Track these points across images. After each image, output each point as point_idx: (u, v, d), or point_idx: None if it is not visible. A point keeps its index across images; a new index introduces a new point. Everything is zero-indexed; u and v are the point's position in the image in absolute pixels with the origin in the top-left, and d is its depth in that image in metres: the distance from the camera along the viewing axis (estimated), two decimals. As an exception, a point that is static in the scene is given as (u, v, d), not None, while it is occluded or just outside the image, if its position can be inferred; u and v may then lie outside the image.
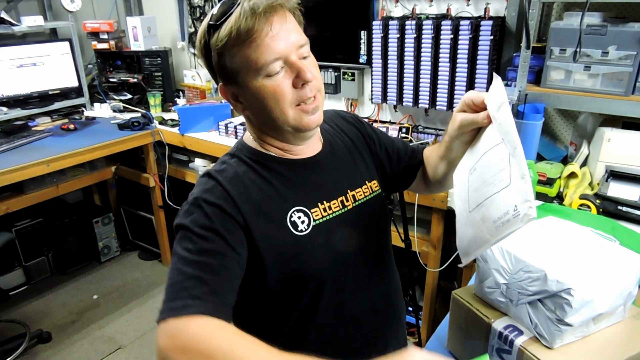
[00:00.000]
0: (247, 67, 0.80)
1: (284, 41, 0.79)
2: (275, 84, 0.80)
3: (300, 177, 0.91)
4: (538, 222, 0.94)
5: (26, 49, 2.76)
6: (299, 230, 0.87)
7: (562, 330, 0.75)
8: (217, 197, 0.83)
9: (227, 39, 0.78)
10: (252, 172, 0.89)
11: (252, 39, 0.78)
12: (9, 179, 2.17)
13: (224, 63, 0.82)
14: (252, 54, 0.79)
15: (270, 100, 0.82)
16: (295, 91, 0.82)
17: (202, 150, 2.57)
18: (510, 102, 1.69)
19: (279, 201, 0.87)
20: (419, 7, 2.19)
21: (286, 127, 0.85)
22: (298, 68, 0.81)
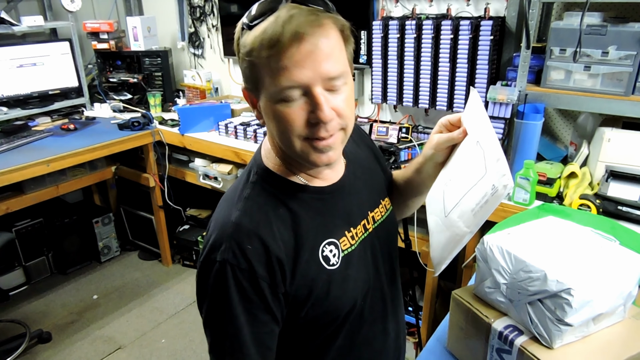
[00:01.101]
0: (265, 84, 0.70)
1: (311, 70, 0.67)
2: (288, 111, 0.70)
3: (328, 206, 0.84)
4: (538, 222, 0.94)
5: (26, 49, 2.76)
6: (331, 264, 0.81)
7: (562, 330, 0.75)
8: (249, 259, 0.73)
9: (251, 46, 0.69)
10: (281, 205, 0.79)
11: (275, 58, 0.67)
12: (9, 179, 2.17)
13: (245, 69, 0.73)
14: (271, 75, 0.68)
15: (280, 126, 0.72)
16: (307, 125, 0.71)
17: (202, 150, 2.57)
18: (510, 102, 1.69)
19: (310, 237, 0.79)
20: (419, 7, 2.19)
21: (296, 157, 0.77)
22: (316, 103, 0.69)
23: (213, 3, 3.03)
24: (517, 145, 1.74)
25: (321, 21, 0.68)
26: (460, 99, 2.06)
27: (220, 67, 3.20)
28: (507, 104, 1.70)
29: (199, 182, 2.68)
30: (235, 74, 3.16)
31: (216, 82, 3.17)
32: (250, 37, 0.69)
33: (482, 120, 0.81)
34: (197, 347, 2.50)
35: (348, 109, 0.74)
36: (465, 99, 2.05)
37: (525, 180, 1.60)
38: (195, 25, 3.21)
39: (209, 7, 3.06)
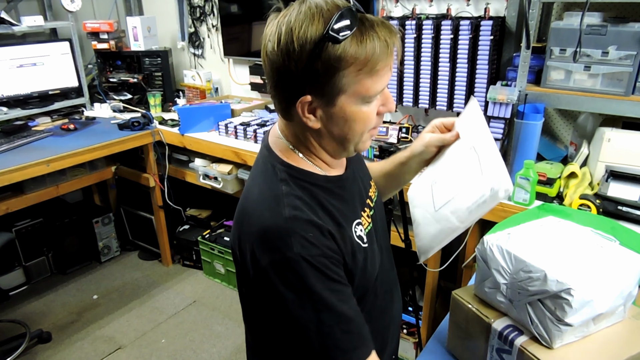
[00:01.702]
0: (357, 92, 0.75)
1: (390, 73, 0.79)
2: (370, 110, 0.79)
3: (346, 192, 0.91)
4: (538, 222, 0.94)
5: (26, 49, 2.76)
6: (364, 242, 0.88)
7: (562, 330, 0.75)
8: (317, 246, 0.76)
9: (353, 60, 0.72)
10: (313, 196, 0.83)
11: (377, 70, 0.74)
12: (9, 179, 2.17)
13: (329, 79, 0.73)
14: (370, 83, 0.75)
15: (358, 124, 0.79)
16: (377, 118, 0.82)
17: (202, 150, 2.57)
18: (510, 102, 1.69)
19: (342, 220, 0.84)
20: (419, 7, 2.19)
21: (352, 147, 0.84)
22: (387, 97, 0.81)
23: (213, 3, 3.03)
24: (517, 145, 1.74)
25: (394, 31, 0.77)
26: (460, 99, 2.06)
27: (220, 67, 3.20)
28: (507, 104, 1.70)
29: (199, 182, 2.68)
30: (235, 74, 3.16)
31: (216, 82, 3.17)
32: (350, 51, 0.72)
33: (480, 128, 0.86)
34: (197, 347, 2.50)
35: None
36: (465, 99, 2.05)
37: (525, 180, 1.60)
38: (195, 25, 3.21)
39: (209, 7, 3.06)
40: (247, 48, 2.95)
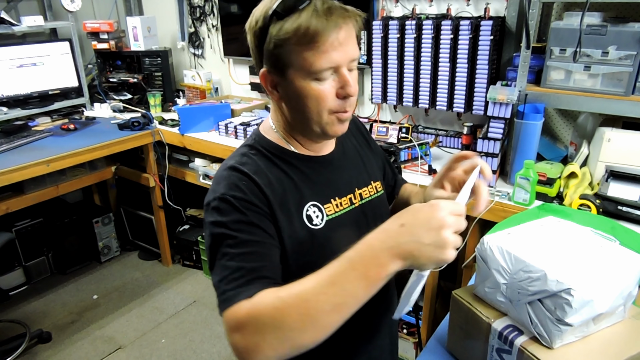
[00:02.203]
0: (301, 66, 0.81)
1: (343, 53, 0.80)
2: (321, 88, 0.82)
3: (316, 174, 0.94)
4: (538, 222, 0.94)
5: (26, 49, 2.76)
6: (314, 224, 0.90)
7: (562, 330, 0.75)
8: (245, 192, 0.84)
9: (292, 34, 0.79)
10: (273, 166, 0.91)
11: (316, 43, 0.78)
12: (9, 179, 2.17)
13: (278, 54, 0.82)
14: (311, 57, 0.79)
15: (311, 101, 0.83)
16: (337, 100, 0.84)
17: (202, 150, 2.57)
18: (510, 102, 1.69)
19: (297, 195, 0.90)
20: (419, 7, 2.19)
21: (317, 128, 0.87)
22: (345, 81, 0.82)
23: (213, 3, 3.03)
24: (517, 145, 1.74)
25: (350, 13, 0.81)
26: (460, 99, 2.06)
27: (220, 67, 3.20)
28: (507, 104, 1.70)
29: (199, 182, 2.68)
30: (235, 74, 3.16)
31: (216, 82, 3.17)
32: (289, 26, 0.79)
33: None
34: (197, 347, 2.50)
35: (357, 87, 0.87)
36: (465, 99, 2.05)
37: (525, 180, 1.60)
38: (195, 25, 3.21)
39: (209, 7, 3.06)
40: (247, 48, 2.94)
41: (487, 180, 0.83)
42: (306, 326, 0.67)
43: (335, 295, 0.66)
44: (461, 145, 2.19)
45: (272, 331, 0.68)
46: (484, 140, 1.75)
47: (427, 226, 0.65)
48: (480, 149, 1.75)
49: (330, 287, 0.67)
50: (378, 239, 0.67)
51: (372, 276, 0.66)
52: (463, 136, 2.15)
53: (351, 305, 0.67)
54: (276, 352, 0.68)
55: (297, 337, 0.67)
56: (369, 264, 0.66)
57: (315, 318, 0.67)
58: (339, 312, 0.67)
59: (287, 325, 0.67)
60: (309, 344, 0.68)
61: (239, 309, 0.72)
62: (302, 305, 0.67)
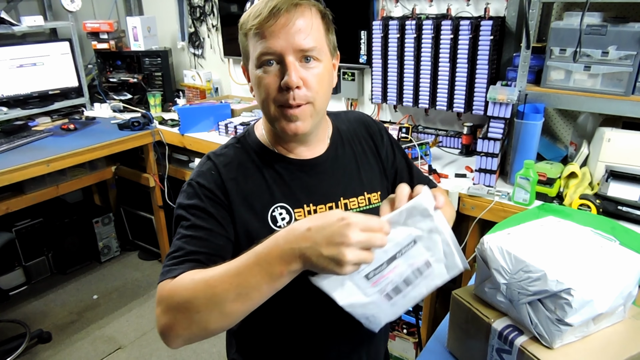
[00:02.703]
0: (250, 54, 0.84)
1: (283, 40, 0.79)
2: (265, 77, 0.82)
3: (292, 177, 0.93)
4: (538, 222, 0.94)
5: (26, 49, 2.76)
6: (278, 226, 0.90)
7: (562, 330, 0.75)
8: (209, 181, 0.88)
9: (243, 20, 0.83)
10: (250, 162, 0.92)
11: (257, 29, 0.80)
12: (9, 179, 2.17)
13: (240, 45, 0.87)
14: (254, 44, 0.82)
15: (260, 91, 0.85)
16: (279, 92, 0.83)
17: (202, 150, 2.57)
18: (510, 102, 1.69)
19: (266, 195, 0.91)
20: (419, 7, 2.19)
21: (274, 123, 0.88)
22: (286, 69, 0.81)
23: (213, 3, 3.03)
24: (517, 145, 1.74)
25: (298, 2, 0.80)
26: (460, 99, 2.06)
27: (220, 67, 3.20)
28: (507, 104, 1.70)
29: (199, 182, 2.68)
30: (235, 74, 3.16)
31: (216, 82, 3.17)
32: (245, 13, 0.84)
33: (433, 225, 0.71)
34: (197, 347, 2.50)
35: (318, 85, 0.84)
36: (465, 99, 2.05)
37: (525, 180, 1.60)
38: (195, 25, 3.21)
39: (209, 7, 3.06)
40: (247, 48, 2.95)
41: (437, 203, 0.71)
42: (211, 311, 0.69)
43: (238, 286, 0.68)
44: (461, 145, 2.19)
45: (182, 311, 0.71)
46: (484, 140, 1.75)
47: (329, 239, 0.62)
48: (480, 149, 1.75)
49: (235, 277, 0.68)
50: (284, 238, 0.66)
51: (275, 273, 0.66)
52: (463, 136, 2.16)
53: (255, 297, 0.68)
54: (187, 331, 0.72)
55: (204, 320, 0.70)
56: (272, 261, 0.66)
57: (219, 304, 0.69)
58: (243, 302, 0.69)
59: (195, 308, 0.70)
60: (216, 328, 0.71)
61: (164, 285, 0.76)
62: (209, 290, 0.69)
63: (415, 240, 0.70)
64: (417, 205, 0.69)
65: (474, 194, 1.73)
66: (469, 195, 1.73)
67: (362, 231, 0.62)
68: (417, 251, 0.71)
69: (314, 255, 0.63)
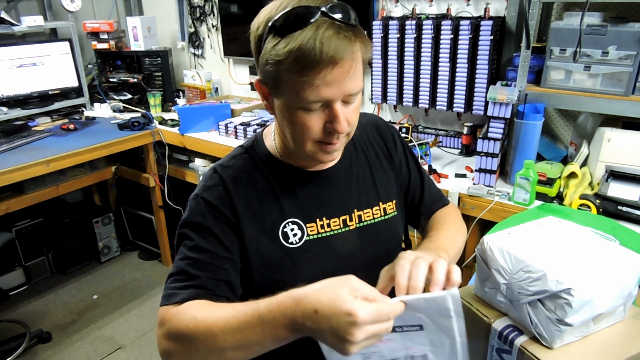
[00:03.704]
0: (289, 92, 0.75)
1: (337, 89, 0.73)
2: (308, 118, 0.76)
3: (304, 190, 0.89)
4: (538, 222, 0.94)
5: (26, 49, 2.76)
6: (289, 242, 0.86)
7: (562, 330, 0.75)
8: (215, 197, 0.84)
9: (283, 58, 0.71)
10: (259, 173, 0.88)
11: (307, 77, 0.71)
12: (9, 179, 2.17)
13: (269, 71, 0.75)
14: (300, 87, 0.72)
15: (296, 129, 0.78)
16: (323, 132, 0.78)
17: (202, 150, 2.57)
18: (510, 102, 1.69)
19: (276, 210, 0.87)
20: (419, 7, 2.19)
21: (300, 153, 0.83)
22: (335, 116, 0.75)
23: (213, 3, 3.03)
24: (517, 145, 1.74)
25: (354, 47, 0.72)
26: (460, 99, 2.06)
27: (220, 67, 3.20)
28: (507, 104, 1.70)
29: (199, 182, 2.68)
30: (235, 74, 3.16)
31: (216, 82, 3.17)
32: (282, 47, 0.71)
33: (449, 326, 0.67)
34: (197, 347, 2.50)
35: (356, 117, 0.81)
36: (465, 99, 2.05)
37: (525, 180, 1.60)
38: (195, 25, 3.21)
39: (209, 7, 3.06)
40: (247, 48, 2.87)
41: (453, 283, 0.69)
42: (210, 354, 0.70)
43: (240, 340, 0.68)
44: (461, 145, 2.19)
45: (182, 344, 0.72)
46: (484, 140, 1.75)
47: (334, 331, 0.59)
48: (480, 149, 1.75)
49: (237, 332, 0.68)
50: (292, 310, 0.63)
51: (280, 336, 0.65)
52: (463, 136, 2.15)
53: (257, 350, 0.69)
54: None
55: (202, 357, 0.71)
56: (277, 326, 0.65)
57: (219, 351, 0.69)
58: (244, 352, 0.69)
59: (194, 347, 0.71)
60: None
61: (167, 310, 0.76)
62: (210, 336, 0.69)
63: (422, 327, 0.66)
64: (439, 301, 0.64)
65: (474, 194, 1.73)
66: (469, 195, 1.73)
67: (370, 325, 0.59)
68: (418, 338, 0.67)
69: (319, 336, 0.63)
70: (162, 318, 0.76)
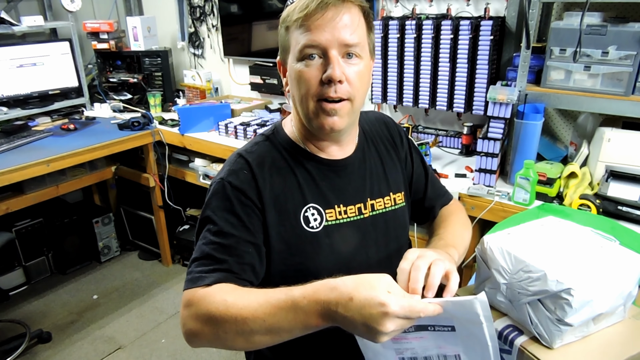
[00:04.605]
0: (292, 47, 0.83)
1: (329, 33, 0.79)
2: (307, 70, 0.81)
3: (323, 177, 0.92)
4: (538, 222, 0.94)
5: (26, 49, 2.76)
6: (310, 226, 0.89)
7: (562, 330, 0.75)
8: (242, 181, 0.86)
9: (287, 14, 0.83)
10: (282, 160, 0.91)
11: (303, 21, 0.79)
12: (9, 179, 2.17)
13: (282, 38, 0.86)
14: (298, 36, 0.81)
15: (298, 84, 0.83)
16: (321, 84, 0.82)
17: (202, 150, 2.57)
18: (510, 102, 1.69)
19: (297, 195, 0.90)
20: (419, 7, 2.19)
21: (307, 119, 0.87)
22: (330, 62, 0.80)
23: (213, 3, 3.03)
24: (517, 145, 1.74)
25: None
26: (460, 99, 2.06)
27: (220, 67, 3.20)
28: (507, 104, 1.70)
29: (199, 182, 2.68)
30: (235, 74, 3.16)
31: (216, 82, 3.17)
32: (289, 7, 0.84)
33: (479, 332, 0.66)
34: (197, 347, 2.50)
35: (359, 81, 0.84)
36: (465, 99, 2.04)
37: (525, 180, 1.60)
38: (195, 25, 3.21)
39: (209, 7, 3.06)
40: (247, 48, 2.95)
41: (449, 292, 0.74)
42: (239, 336, 0.71)
43: (271, 325, 0.69)
44: (461, 145, 2.19)
45: (210, 326, 0.73)
46: (484, 140, 1.75)
47: (366, 321, 0.62)
48: (480, 149, 1.75)
49: (269, 317, 0.69)
50: (327, 297, 0.66)
51: (311, 324, 0.67)
52: (463, 136, 2.16)
53: (285, 336, 0.70)
54: (210, 343, 0.75)
55: (229, 340, 0.72)
56: (309, 313, 0.67)
57: (248, 334, 0.71)
58: (272, 337, 0.70)
59: (222, 329, 0.72)
60: (239, 349, 0.74)
61: (195, 292, 0.77)
62: (240, 320, 0.71)
63: (454, 328, 0.68)
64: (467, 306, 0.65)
65: (474, 194, 1.73)
66: (469, 195, 1.73)
67: (399, 320, 0.63)
68: (451, 338, 0.69)
69: (349, 325, 0.65)
70: (190, 299, 0.77)
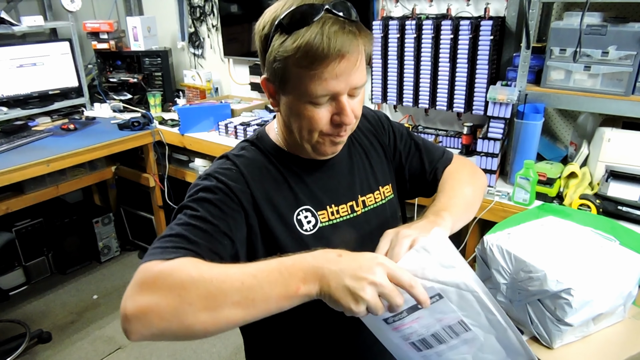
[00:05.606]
0: (298, 87, 0.77)
1: (343, 82, 0.76)
2: (316, 112, 0.79)
3: (312, 178, 0.92)
4: (538, 222, 0.94)
5: (26, 49, 2.76)
6: (304, 229, 0.88)
7: (562, 330, 0.75)
8: (230, 179, 0.84)
9: (291, 54, 0.74)
10: (270, 164, 0.90)
11: (315, 71, 0.74)
12: (9, 179, 2.17)
13: (277, 68, 0.78)
14: (308, 81, 0.75)
15: (303, 122, 0.81)
16: (330, 124, 0.81)
17: (202, 150, 2.57)
18: (510, 102, 1.69)
19: (290, 197, 0.88)
20: (419, 7, 2.19)
21: (307, 145, 0.86)
22: (342, 109, 0.79)
23: (213, 3, 3.03)
24: (517, 145, 1.74)
25: (358, 40, 0.75)
26: (460, 99, 2.06)
27: (220, 67, 3.20)
28: (507, 104, 1.70)
29: (199, 182, 2.68)
30: (235, 74, 3.16)
31: (216, 82, 3.17)
32: (290, 44, 0.74)
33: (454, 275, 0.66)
34: (197, 347, 2.50)
35: (360, 110, 0.84)
36: (465, 99, 2.04)
37: (525, 180, 1.60)
38: (195, 25, 3.21)
39: (209, 7, 3.06)
40: (247, 48, 2.95)
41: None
42: (205, 308, 0.64)
43: (249, 289, 0.64)
44: (461, 145, 2.19)
45: (171, 297, 0.64)
46: (484, 140, 1.75)
47: (356, 270, 0.62)
48: (480, 149, 1.75)
49: (250, 277, 0.65)
50: (313, 256, 0.66)
51: (291, 287, 0.64)
52: (463, 136, 2.15)
53: (258, 307, 0.65)
54: (163, 322, 0.64)
55: (191, 314, 0.63)
56: (294, 272, 0.65)
57: (218, 304, 0.64)
58: (243, 309, 0.64)
59: (189, 298, 0.64)
60: (196, 330, 0.64)
61: (153, 265, 0.69)
62: (214, 283, 0.64)
63: (440, 294, 0.66)
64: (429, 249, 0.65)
65: (474, 194, 1.72)
66: (469, 195, 1.73)
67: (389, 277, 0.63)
68: (444, 306, 0.67)
69: (335, 281, 0.63)
70: (146, 272, 0.68)
